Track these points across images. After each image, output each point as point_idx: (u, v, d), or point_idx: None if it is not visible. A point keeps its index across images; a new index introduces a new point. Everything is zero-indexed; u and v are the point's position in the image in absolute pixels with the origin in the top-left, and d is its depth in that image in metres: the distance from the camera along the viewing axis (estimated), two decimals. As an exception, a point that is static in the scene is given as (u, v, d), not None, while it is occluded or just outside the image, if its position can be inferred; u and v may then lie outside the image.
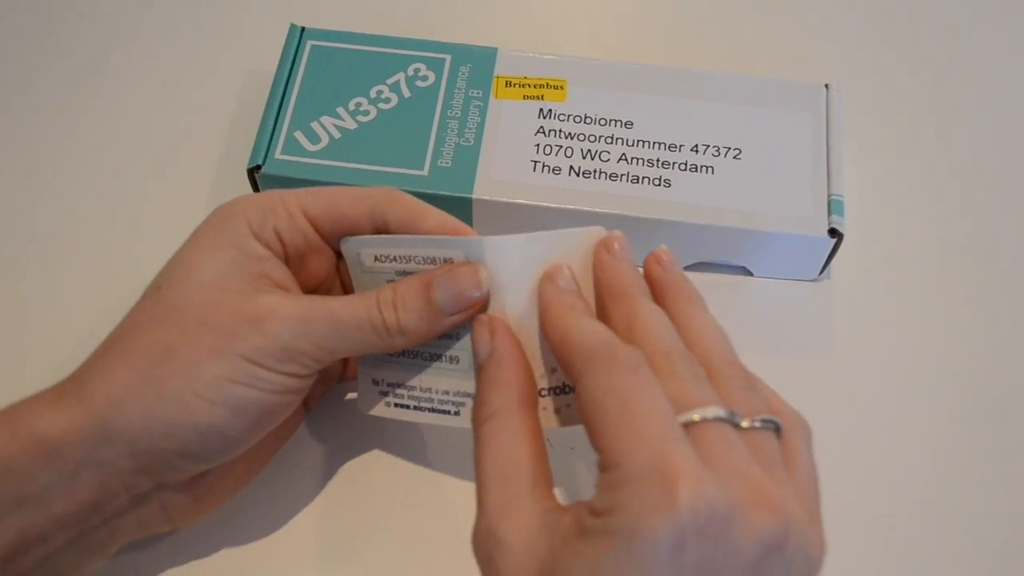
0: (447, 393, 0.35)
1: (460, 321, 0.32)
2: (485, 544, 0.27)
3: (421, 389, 0.35)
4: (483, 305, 0.33)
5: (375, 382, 0.36)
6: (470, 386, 0.34)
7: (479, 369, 0.31)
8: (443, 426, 0.35)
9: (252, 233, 0.32)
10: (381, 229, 0.33)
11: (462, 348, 0.34)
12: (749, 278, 0.43)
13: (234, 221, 0.32)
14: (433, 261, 0.33)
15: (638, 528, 0.24)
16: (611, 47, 0.50)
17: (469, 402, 0.34)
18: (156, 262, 0.44)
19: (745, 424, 0.27)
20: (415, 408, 0.35)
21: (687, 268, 0.43)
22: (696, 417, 0.26)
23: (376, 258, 0.34)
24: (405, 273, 0.34)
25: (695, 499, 0.24)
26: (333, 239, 0.34)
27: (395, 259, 0.34)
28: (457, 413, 0.35)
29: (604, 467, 0.26)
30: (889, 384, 0.41)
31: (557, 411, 0.33)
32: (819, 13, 0.52)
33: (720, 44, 0.50)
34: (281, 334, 0.31)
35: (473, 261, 0.32)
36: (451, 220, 0.33)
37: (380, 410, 0.36)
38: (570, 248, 0.33)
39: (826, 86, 0.44)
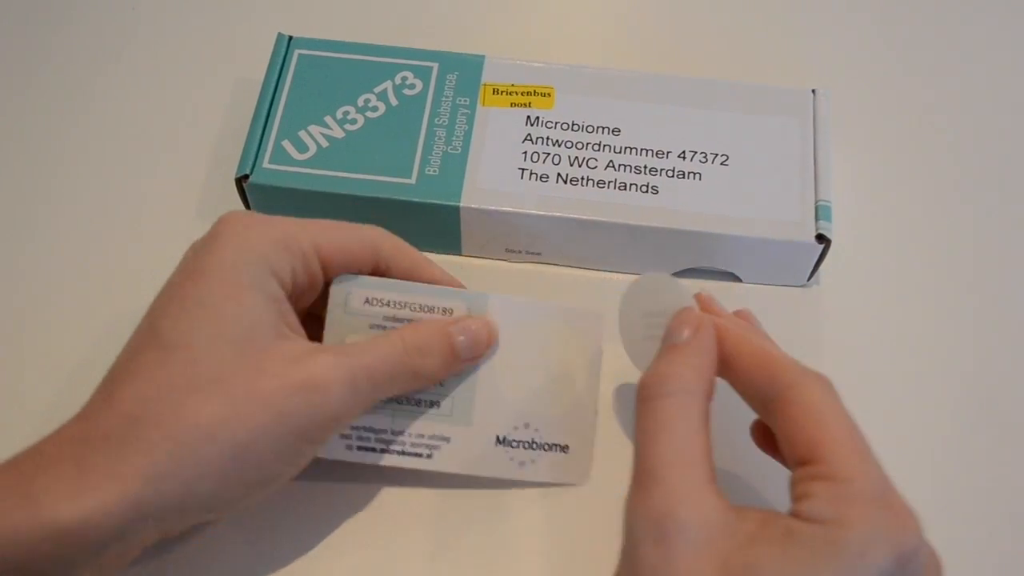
0: (422, 436, 0.36)
1: (463, 368, 0.35)
2: (662, 522, 0.27)
3: (392, 432, 0.36)
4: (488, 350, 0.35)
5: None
6: (447, 430, 0.36)
7: (668, 348, 0.32)
8: (409, 468, 0.36)
9: (271, 272, 0.31)
10: (382, 273, 0.34)
11: (443, 394, 0.36)
12: (737, 284, 0.43)
13: (255, 259, 0.31)
14: (431, 310, 0.35)
15: (868, 549, 0.25)
16: (598, 54, 0.50)
17: (444, 445, 0.36)
18: (145, 270, 0.44)
19: None
20: (381, 451, 0.36)
21: (674, 275, 0.43)
22: None
23: (367, 300, 0.35)
24: (394, 319, 0.35)
25: (916, 539, 0.26)
26: (331, 277, 0.34)
27: (388, 303, 0.35)
28: (430, 456, 0.36)
29: (828, 477, 0.27)
30: (878, 390, 0.41)
31: (521, 463, 0.36)
32: (806, 19, 0.52)
33: (707, 50, 0.50)
34: (332, 405, 0.30)
35: (479, 315, 0.35)
36: (447, 275, 0.36)
37: (340, 454, 0.36)
38: (568, 325, 0.37)
39: (813, 91, 0.44)
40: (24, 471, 0.28)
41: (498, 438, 0.36)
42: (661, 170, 0.42)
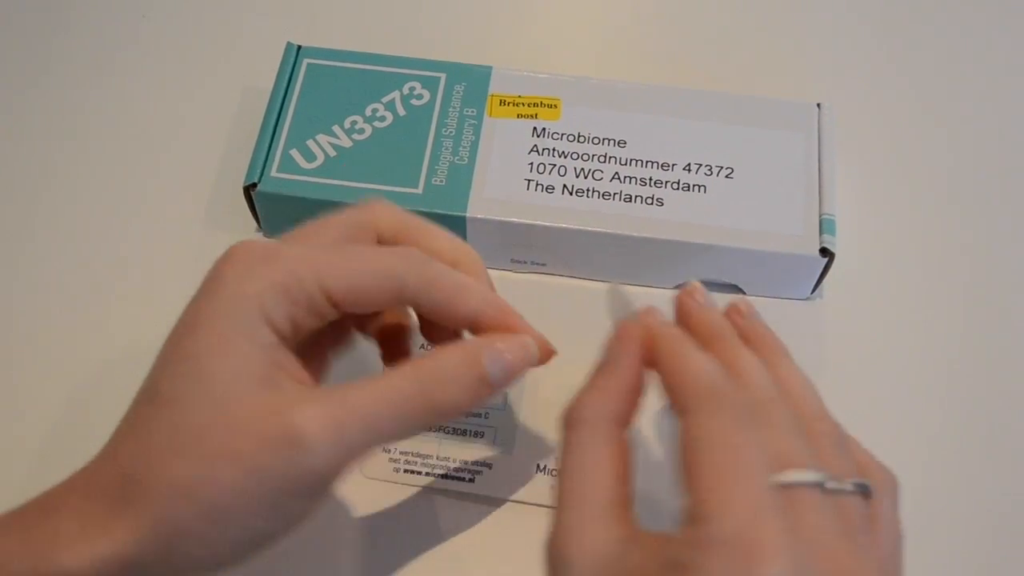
0: (466, 462, 0.38)
1: (503, 391, 0.34)
2: (552, 563, 0.27)
3: (438, 458, 0.38)
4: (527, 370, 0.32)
5: (386, 450, 0.39)
6: (489, 457, 0.38)
7: (592, 372, 0.31)
8: (450, 490, 0.38)
9: (265, 320, 0.29)
10: (410, 305, 0.31)
11: (488, 425, 0.38)
12: (741, 297, 0.43)
13: (246, 308, 0.28)
14: None
15: None
16: (605, 66, 0.50)
17: (486, 471, 0.38)
18: (153, 278, 0.44)
19: (835, 487, 0.27)
20: (426, 474, 0.38)
21: (678, 287, 0.43)
22: (790, 479, 0.26)
23: None
24: None
25: (773, 571, 0.24)
26: (351, 311, 0.31)
27: None
28: (472, 480, 0.38)
29: (692, 518, 0.25)
30: (880, 404, 0.41)
31: None
32: (812, 33, 0.52)
33: (713, 63, 0.50)
34: (314, 461, 0.27)
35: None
36: (491, 301, 0.32)
37: (386, 475, 0.38)
38: None
39: (818, 105, 0.44)
40: (27, 520, 0.28)
41: (539, 466, 0.38)
42: (666, 182, 0.42)
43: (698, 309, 0.32)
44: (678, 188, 0.42)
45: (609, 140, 0.43)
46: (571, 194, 0.41)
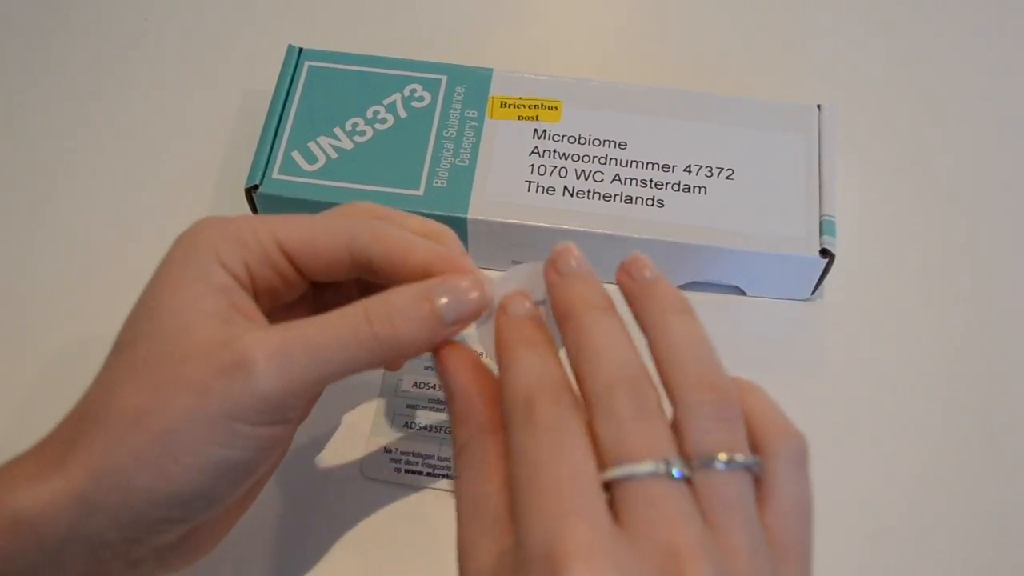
0: None
1: (461, 329, 0.30)
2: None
3: (439, 458, 0.39)
4: (484, 310, 0.31)
5: (387, 450, 0.39)
6: None
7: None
8: (451, 490, 0.38)
9: (218, 262, 0.30)
10: (363, 265, 0.31)
11: None
12: (742, 297, 0.43)
13: (199, 254, 0.30)
14: None
15: None
16: (605, 67, 0.50)
17: None
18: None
19: (693, 471, 0.25)
20: (427, 475, 0.39)
21: (680, 287, 0.43)
22: (613, 476, 0.24)
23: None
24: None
25: None
26: (311, 274, 0.32)
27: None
28: None
29: (516, 541, 0.25)
30: (880, 404, 0.41)
31: None
32: (812, 34, 0.52)
33: (714, 65, 0.50)
34: (257, 383, 0.27)
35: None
36: (440, 251, 0.31)
37: (387, 475, 0.39)
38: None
39: (818, 107, 0.44)
40: None
41: None
42: (667, 184, 0.42)
43: (558, 283, 0.30)
44: (679, 189, 0.42)
45: (610, 142, 0.43)
46: (572, 196, 0.42)
